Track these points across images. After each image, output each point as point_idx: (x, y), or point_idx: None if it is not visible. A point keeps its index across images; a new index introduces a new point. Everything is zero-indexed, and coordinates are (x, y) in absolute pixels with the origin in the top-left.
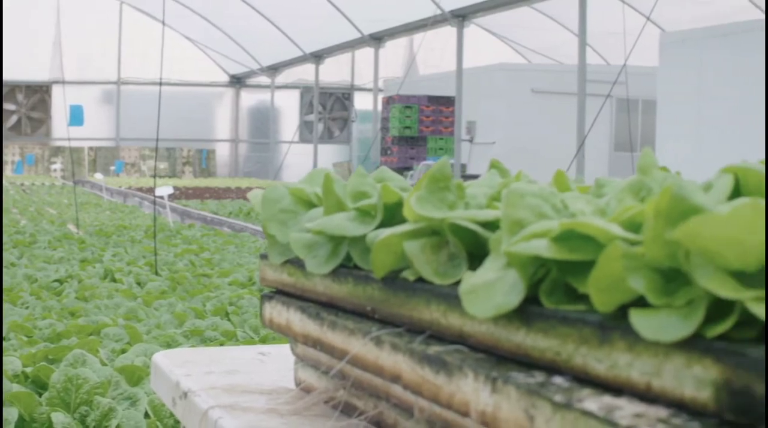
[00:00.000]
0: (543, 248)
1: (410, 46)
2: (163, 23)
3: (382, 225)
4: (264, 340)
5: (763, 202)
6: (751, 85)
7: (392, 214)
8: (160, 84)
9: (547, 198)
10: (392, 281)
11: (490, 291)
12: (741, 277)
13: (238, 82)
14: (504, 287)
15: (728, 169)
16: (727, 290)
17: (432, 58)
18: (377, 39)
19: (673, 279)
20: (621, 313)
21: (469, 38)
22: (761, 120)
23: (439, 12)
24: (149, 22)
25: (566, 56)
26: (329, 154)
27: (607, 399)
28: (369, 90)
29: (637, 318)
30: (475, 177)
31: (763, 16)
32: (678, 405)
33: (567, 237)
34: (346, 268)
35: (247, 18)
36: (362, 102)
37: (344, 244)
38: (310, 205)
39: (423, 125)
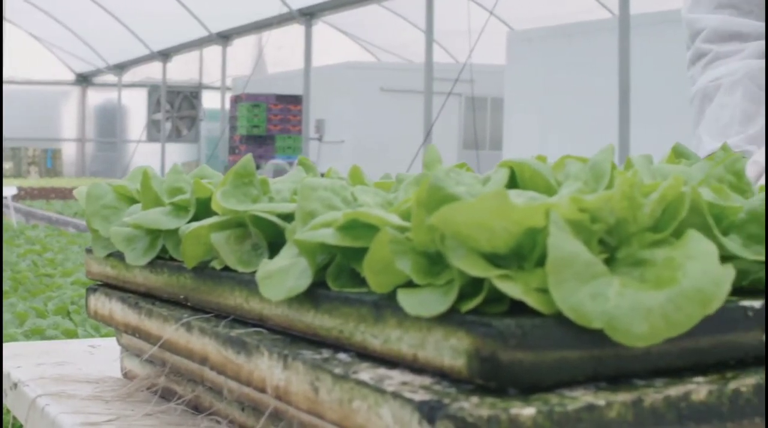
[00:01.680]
0: (328, 236)
1: (259, 45)
2: (2, 18)
3: (196, 218)
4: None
5: (510, 191)
6: (597, 84)
7: (205, 209)
8: (1, 82)
9: (337, 191)
10: (202, 270)
11: (283, 276)
12: (493, 258)
13: (84, 80)
14: (296, 272)
15: (504, 164)
16: (476, 269)
17: (281, 57)
18: (225, 37)
19: (438, 261)
20: (395, 293)
21: (318, 36)
22: (606, 118)
23: (286, 10)
24: None
25: (416, 54)
26: (177, 153)
27: (381, 371)
28: (217, 88)
29: (403, 297)
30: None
31: (610, 16)
32: (441, 374)
33: (351, 227)
34: (163, 260)
35: (93, 15)
36: (210, 100)
37: (161, 237)
38: (132, 200)
39: (271, 124)
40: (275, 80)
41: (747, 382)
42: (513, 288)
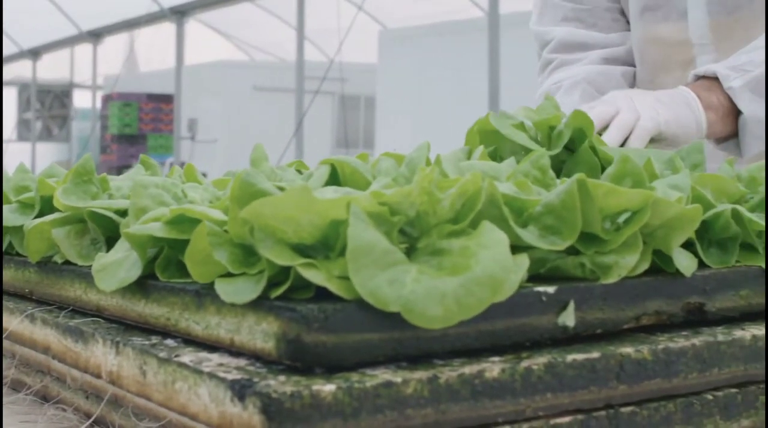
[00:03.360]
0: (156, 230)
1: (130, 43)
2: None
3: (41, 215)
4: None
5: (328, 187)
6: (469, 83)
7: (50, 206)
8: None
9: (168, 188)
10: (45, 265)
11: (116, 268)
12: (302, 249)
13: None
14: (128, 264)
15: (325, 161)
16: (282, 259)
17: (154, 55)
18: (96, 35)
19: (253, 252)
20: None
21: (191, 35)
22: (477, 117)
23: (157, 8)
24: None
25: (289, 53)
26: (48, 153)
27: (203, 354)
28: (88, 87)
29: (220, 285)
30: None
31: (483, 14)
32: (255, 356)
33: (178, 221)
34: (10, 255)
35: None
36: (82, 100)
37: (8, 234)
38: None
39: (143, 123)
40: (148, 79)
41: (539, 361)
42: (316, 276)
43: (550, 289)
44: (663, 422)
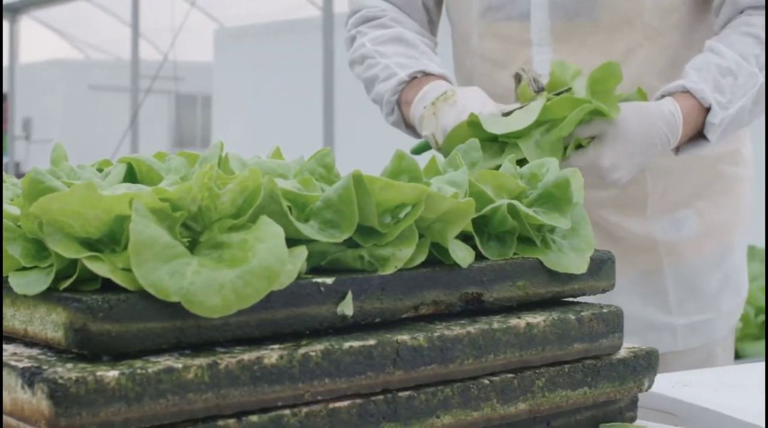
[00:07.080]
0: None
1: None
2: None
3: None
4: None
5: (122, 184)
6: (304, 82)
7: None
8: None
9: None
10: None
11: None
12: (91, 243)
13: None
14: None
15: (122, 160)
16: (69, 252)
17: None
18: None
19: (45, 246)
20: None
21: (25, 33)
22: (313, 116)
23: None
24: None
25: (125, 51)
26: None
27: None
28: None
29: (13, 278)
30: None
31: (319, 13)
32: (48, 346)
33: None
34: None
35: None
36: None
37: None
38: None
39: None
40: None
41: (317, 348)
42: (101, 268)
43: (329, 280)
44: (441, 405)
